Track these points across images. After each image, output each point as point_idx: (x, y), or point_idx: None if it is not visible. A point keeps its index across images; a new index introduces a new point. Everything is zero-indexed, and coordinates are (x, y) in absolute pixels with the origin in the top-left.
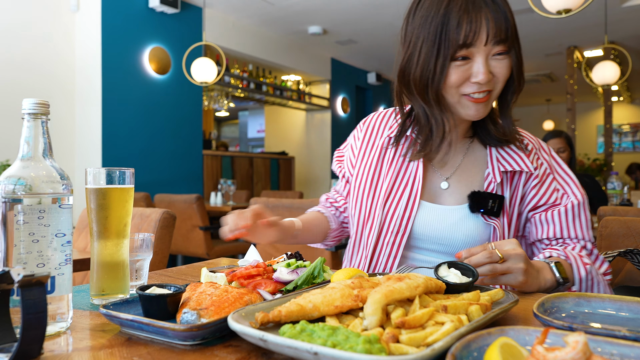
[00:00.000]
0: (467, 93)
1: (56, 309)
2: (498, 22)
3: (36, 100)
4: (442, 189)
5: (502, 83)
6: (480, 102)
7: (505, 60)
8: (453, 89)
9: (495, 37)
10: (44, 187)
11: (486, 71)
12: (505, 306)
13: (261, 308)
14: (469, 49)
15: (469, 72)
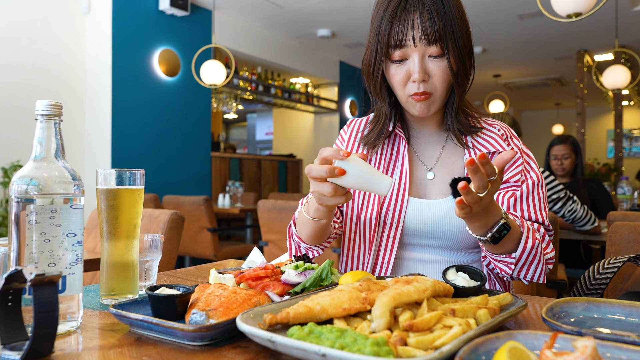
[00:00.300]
0: (411, 93)
1: (67, 308)
2: (425, 25)
3: (49, 101)
4: (429, 179)
5: (441, 84)
6: (422, 101)
7: (442, 62)
8: (399, 89)
9: (424, 38)
10: (56, 187)
11: (420, 70)
12: (513, 310)
13: (269, 309)
14: (402, 49)
15: (408, 72)
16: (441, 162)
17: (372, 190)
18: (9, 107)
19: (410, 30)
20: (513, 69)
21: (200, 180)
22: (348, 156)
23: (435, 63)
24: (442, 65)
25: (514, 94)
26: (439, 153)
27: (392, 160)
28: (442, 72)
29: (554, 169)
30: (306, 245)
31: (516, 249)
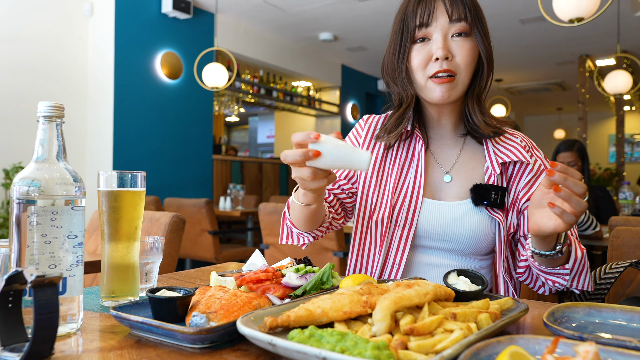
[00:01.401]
0: (432, 74)
1: (67, 310)
2: (452, 3)
3: (51, 103)
4: (445, 182)
5: (466, 66)
6: (443, 83)
7: (466, 42)
8: (419, 72)
9: (450, 15)
10: (57, 189)
11: (444, 46)
12: (514, 315)
13: (270, 312)
14: (427, 28)
15: (430, 52)
16: (458, 165)
17: (351, 167)
18: (11, 109)
19: (434, 10)
20: (515, 73)
21: (201, 183)
22: (318, 138)
23: (458, 42)
24: (467, 45)
25: (516, 98)
26: (457, 156)
27: (407, 160)
28: (466, 52)
29: None
30: (298, 231)
31: (568, 260)
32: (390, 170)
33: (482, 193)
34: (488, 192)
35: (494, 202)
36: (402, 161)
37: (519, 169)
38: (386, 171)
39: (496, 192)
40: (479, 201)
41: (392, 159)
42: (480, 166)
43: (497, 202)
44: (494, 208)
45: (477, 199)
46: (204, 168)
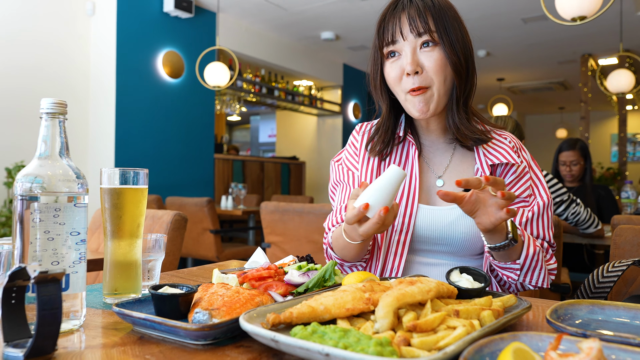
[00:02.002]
0: (407, 89)
1: (70, 306)
2: (414, 18)
3: (54, 99)
4: (438, 186)
5: (437, 75)
6: (418, 95)
7: (434, 52)
8: (396, 87)
9: (413, 30)
10: (60, 185)
11: (412, 61)
12: (517, 312)
13: (272, 309)
14: (395, 45)
15: (402, 67)
16: (450, 169)
17: (397, 187)
18: (13, 108)
19: (398, 26)
20: (517, 72)
21: (203, 182)
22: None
23: (427, 54)
24: (434, 56)
25: (518, 97)
26: (448, 160)
27: (402, 166)
28: (435, 62)
29: (563, 175)
30: (349, 264)
31: (519, 256)
32: None
33: None
34: None
35: None
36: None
37: (506, 169)
38: None
39: None
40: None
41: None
42: (471, 169)
43: None
44: None
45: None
46: (205, 167)
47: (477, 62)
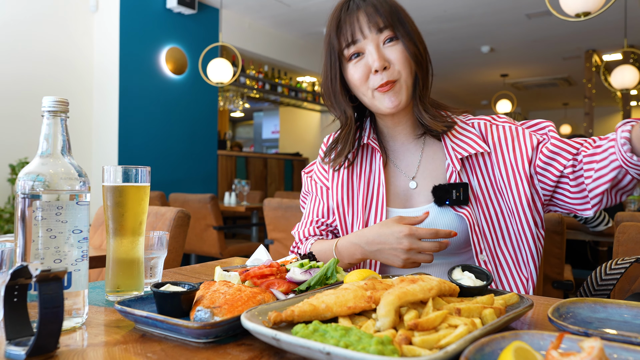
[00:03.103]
0: (375, 86)
1: (72, 304)
2: (372, 14)
3: (56, 98)
4: (412, 188)
5: (404, 67)
6: (389, 91)
7: (397, 46)
8: (363, 86)
9: (374, 27)
10: (62, 183)
11: (379, 57)
12: (519, 310)
13: (274, 307)
14: (356, 45)
15: (368, 65)
16: (422, 169)
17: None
18: (16, 105)
19: (357, 24)
20: (521, 68)
21: (206, 179)
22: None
23: (391, 48)
24: (399, 48)
25: (522, 93)
26: (418, 161)
27: (371, 174)
28: (401, 54)
29: None
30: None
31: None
32: (358, 187)
33: (443, 194)
34: (449, 191)
35: (456, 200)
36: (367, 175)
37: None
38: (354, 189)
39: (457, 190)
40: (441, 202)
41: (358, 175)
42: (443, 164)
43: (461, 199)
44: (459, 205)
45: (439, 200)
46: (209, 163)
47: (480, 58)
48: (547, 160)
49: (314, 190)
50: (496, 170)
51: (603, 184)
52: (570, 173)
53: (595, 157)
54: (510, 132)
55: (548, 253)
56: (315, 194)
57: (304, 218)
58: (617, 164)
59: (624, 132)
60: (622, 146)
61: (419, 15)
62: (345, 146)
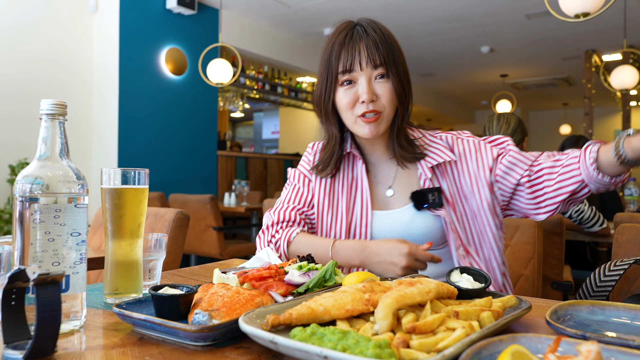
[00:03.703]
0: (360, 114)
1: (70, 307)
2: (371, 51)
3: (54, 101)
4: (388, 196)
5: (389, 104)
6: (371, 122)
7: (387, 84)
8: (348, 111)
9: (371, 62)
10: (60, 186)
11: (369, 90)
12: (517, 313)
13: (272, 310)
14: (351, 73)
15: (356, 94)
16: (398, 179)
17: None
18: (16, 106)
19: (357, 56)
20: (520, 68)
21: (206, 179)
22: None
23: (381, 84)
24: (388, 86)
25: (521, 93)
26: (395, 172)
27: (354, 181)
28: (389, 92)
29: None
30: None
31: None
32: (340, 193)
33: (420, 198)
34: (425, 195)
35: (433, 203)
36: (350, 182)
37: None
38: (336, 194)
39: (432, 194)
40: (420, 206)
41: (341, 182)
42: (416, 174)
43: (437, 201)
44: (435, 208)
45: (418, 204)
46: (208, 164)
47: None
48: (506, 170)
49: (298, 180)
50: (462, 178)
51: (562, 194)
52: (526, 182)
53: (555, 169)
54: (473, 145)
55: (547, 254)
56: (298, 183)
57: (283, 201)
58: (579, 179)
59: (592, 152)
60: (591, 165)
61: (419, 16)
62: (330, 162)
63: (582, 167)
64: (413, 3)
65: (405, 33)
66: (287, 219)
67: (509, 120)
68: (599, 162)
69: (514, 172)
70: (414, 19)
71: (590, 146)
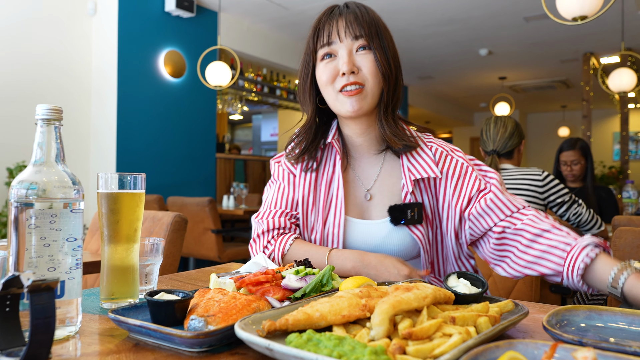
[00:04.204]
0: (340, 88)
1: (65, 312)
2: (351, 22)
3: (49, 106)
4: (367, 200)
5: (372, 76)
6: (353, 96)
7: (369, 55)
8: (328, 86)
9: (350, 32)
10: (56, 192)
11: (349, 61)
12: (514, 318)
13: (268, 316)
14: (330, 46)
15: (337, 68)
16: (379, 183)
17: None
18: (14, 109)
19: (335, 28)
20: (519, 71)
21: (205, 182)
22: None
23: (363, 56)
24: (370, 57)
25: (520, 96)
26: (377, 173)
27: (333, 177)
28: (370, 64)
29: (564, 175)
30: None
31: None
32: (319, 189)
33: (398, 215)
34: (404, 211)
35: (411, 220)
36: (330, 178)
37: (430, 181)
38: (318, 190)
39: (412, 210)
40: (397, 221)
41: (322, 175)
42: (398, 182)
43: (415, 218)
44: (414, 224)
45: (395, 220)
46: (207, 166)
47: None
48: (481, 212)
49: (282, 178)
50: (440, 197)
51: (530, 273)
52: (497, 232)
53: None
54: (460, 168)
55: None
56: (282, 183)
57: (271, 205)
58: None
59: (584, 260)
60: (577, 275)
61: (418, 19)
62: (307, 142)
63: (567, 270)
64: (411, 6)
65: (403, 36)
66: (278, 226)
67: (506, 124)
68: (587, 277)
69: (489, 218)
70: (412, 22)
71: (585, 249)
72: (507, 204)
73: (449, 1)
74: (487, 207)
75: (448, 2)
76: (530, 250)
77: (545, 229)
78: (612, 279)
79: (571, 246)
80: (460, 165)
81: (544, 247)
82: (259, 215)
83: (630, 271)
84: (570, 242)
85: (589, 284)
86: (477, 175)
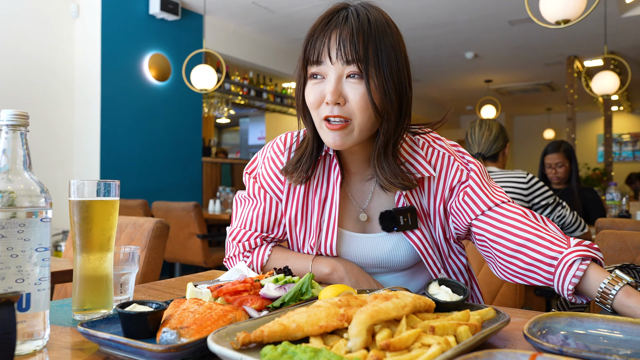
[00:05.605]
0: (324, 117)
1: (32, 326)
2: (344, 41)
3: (15, 111)
4: (362, 220)
5: (360, 111)
6: (335, 130)
7: (359, 86)
8: (313, 110)
9: (341, 56)
10: (22, 200)
11: (334, 90)
12: (495, 327)
13: (243, 327)
14: (320, 66)
15: (323, 93)
16: (373, 204)
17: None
18: None
19: (326, 46)
20: (504, 74)
21: (191, 186)
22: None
23: (352, 86)
24: (360, 90)
25: (506, 99)
26: (371, 192)
27: (328, 190)
28: (360, 97)
29: (549, 177)
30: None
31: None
32: (313, 202)
33: (390, 222)
34: (395, 218)
35: (405, 225)
36: (325, 192)
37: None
38: (310, 203)
39: (405, 216)
40: (390, 229)
41: (314, 189)
42: (392, 198)
43: (409, 223)
44: (410, 230)
45: (387, 227)
46: (193, 171)
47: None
48: (460, 205)
49: (260, 198)
50: (425, 190)
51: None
52: (477, 234)
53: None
54: (442, 159)
55: None
56: (261, 202)
57: (245, 224)
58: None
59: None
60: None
61: (403, 22)
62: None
63: (557, 286)
64: (397, 9)
65: None
66: (254, 246)
67: (491, 127)
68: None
69: (466, 213)
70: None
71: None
72: (484, 198)
73: (435, 5)
74: (463, 201)
75: (434, 6)
76: (516, 261)
77: (527, 238)
78: (600, 295)
79: (558, 260)
80: (441, 156)
81: (530, 259)
82: (232, 234)
83: (618, 287)
84: (556, 255)
85: (579, 297)
86: (459, 166)
